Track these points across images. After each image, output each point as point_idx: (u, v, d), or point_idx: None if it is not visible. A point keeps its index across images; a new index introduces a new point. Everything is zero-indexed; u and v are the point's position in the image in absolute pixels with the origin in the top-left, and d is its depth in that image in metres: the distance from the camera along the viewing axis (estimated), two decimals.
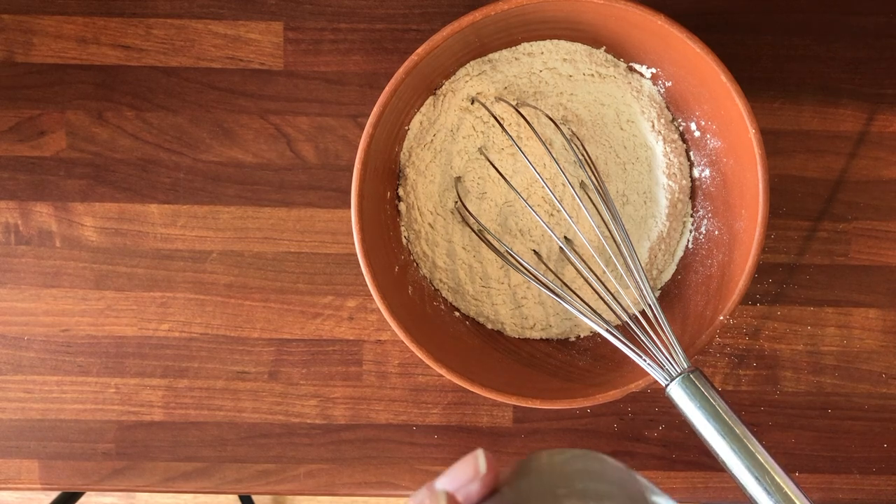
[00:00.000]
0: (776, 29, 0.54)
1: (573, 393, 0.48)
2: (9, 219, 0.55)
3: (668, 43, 0.45)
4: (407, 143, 0.51)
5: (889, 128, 0.55)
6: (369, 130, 0.45)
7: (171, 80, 0.54)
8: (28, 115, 0.54)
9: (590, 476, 0.27)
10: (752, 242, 0.45)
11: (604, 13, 0.45)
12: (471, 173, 0.51)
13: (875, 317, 0.56)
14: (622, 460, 0.57)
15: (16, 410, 0.56)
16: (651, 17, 0.43)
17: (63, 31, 0.54)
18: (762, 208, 0.45)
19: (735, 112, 0.44)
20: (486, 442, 0.57)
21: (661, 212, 0.52)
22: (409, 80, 0.45)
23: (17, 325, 0.56)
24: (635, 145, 0.51)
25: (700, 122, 0.50)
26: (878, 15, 0.54)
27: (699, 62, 0.44)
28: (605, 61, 0.50)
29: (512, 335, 0.53)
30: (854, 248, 0.55)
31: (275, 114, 0.54)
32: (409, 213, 0.51)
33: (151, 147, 0.55)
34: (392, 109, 0.46)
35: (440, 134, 0.51)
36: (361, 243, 0.46)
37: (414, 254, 0.52)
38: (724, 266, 0.48)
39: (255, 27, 0.54)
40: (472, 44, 0.48)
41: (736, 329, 0.56)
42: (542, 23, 0.48)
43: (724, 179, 0.49)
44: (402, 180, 0.51)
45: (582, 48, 0.50)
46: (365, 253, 0.46)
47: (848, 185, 0.55)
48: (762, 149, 0.44)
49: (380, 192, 0.49)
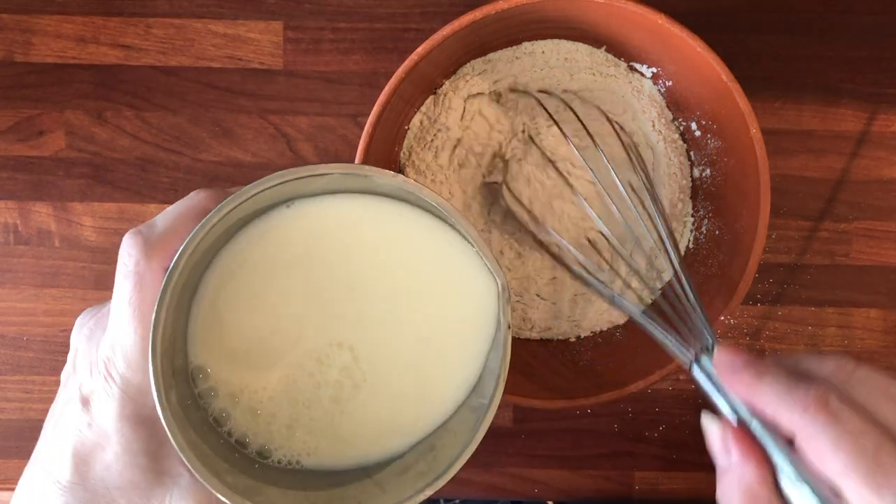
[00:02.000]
0: (776, 29, 0.54)
1: (573, 393, 0.47)
2: (8, 219, 0.55)
3: (668, 42, 0.45)
4: (407, 142, 0.51)
5: (890, 127, 0.55)
6: (369, 130, 0.45)
7: (171, 80, 0.54)
8: (27, 115, 0.54)
9: None
10: (753, 242, 0.45)
11: (604, 13, 0.45)
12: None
13: (876, 317, 0.56)
14: (622, 461, 0.57)
15: (16, 410, 0.56)
16: (652, 16, 0.43)
17: (62, 30, 0.54)
18: (763, 209, 0.45)
19: (736, 112, 0.44)
20: (485, 442, 0.57)
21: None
22: (409, 80, 0.45)
23: (17, 325, 0.56)
24: (636, 145, 0.51)
25: (701, 122, 0.50)
26: (878, 15, 0.54)
27: (700, 62, 0.44)
28: (605, 61, 0.50)
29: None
30: (855, 248, 0.55)
31: (274, 113, 0.54)
32: None
33: (151, 147, 0.55)
34: (392, 109, 0.46)
35: (441, 134, 0.50)
36: None
37: None
38: (725, 266, 0.48)
39: (254, 27, 0.54)
40: (473, 43, 0.48)
41: (737, 329, 0.56)
42: (542, 22, 0.48)
43: (725, 179, 0.49)
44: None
45: (583, 47, 0.50)
46: None
47: (849, 185, 0.55)
48: (763, 149, 0.44)
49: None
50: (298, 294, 0.36)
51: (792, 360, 0.32)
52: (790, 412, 0.29)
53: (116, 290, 0.34)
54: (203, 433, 0.34)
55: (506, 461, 0.57)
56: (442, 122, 0.50)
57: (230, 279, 0.36)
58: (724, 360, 0.33)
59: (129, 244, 0.34)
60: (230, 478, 0.33)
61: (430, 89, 0.50)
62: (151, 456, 0.34)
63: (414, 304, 0.37)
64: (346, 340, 0.36)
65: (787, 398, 0.29)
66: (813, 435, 0.28)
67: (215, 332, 0.35)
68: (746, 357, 0.32)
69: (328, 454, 0.36)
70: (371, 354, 0.36)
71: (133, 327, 0.33)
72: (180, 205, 0.36)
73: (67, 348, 0.38)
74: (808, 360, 0.32)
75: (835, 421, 0.28)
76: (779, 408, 0.30)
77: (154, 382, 0.32)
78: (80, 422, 0.34)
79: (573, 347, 0.53)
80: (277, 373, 0.36)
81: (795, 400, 0.29)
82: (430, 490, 0.34)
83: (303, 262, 0.36)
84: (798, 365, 0.32)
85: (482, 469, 0.57)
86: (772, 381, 0.30)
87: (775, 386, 0.30)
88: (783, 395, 0.30)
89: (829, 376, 0.30)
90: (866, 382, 0.30)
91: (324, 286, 0.36)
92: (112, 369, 0.34)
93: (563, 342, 0.53)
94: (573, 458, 0.57)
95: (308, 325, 0.36)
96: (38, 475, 0.34)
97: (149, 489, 0.33)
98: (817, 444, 0.28)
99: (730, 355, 0.33)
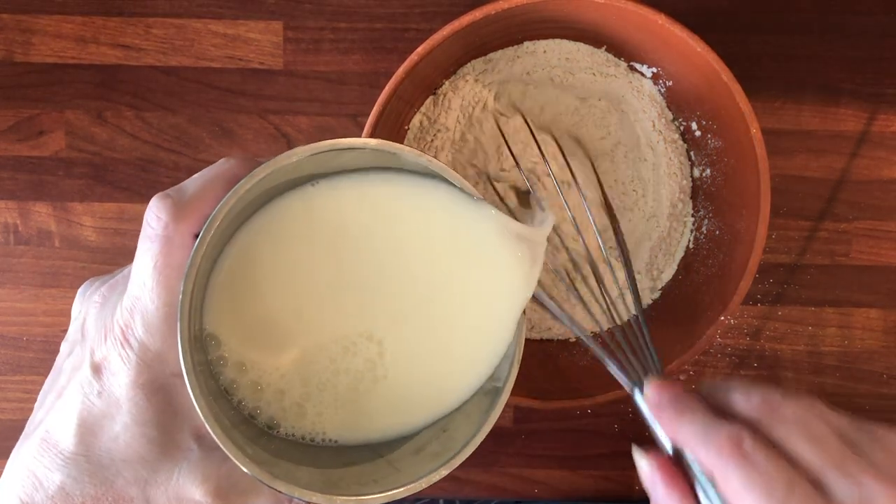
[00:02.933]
0: (776, 29, 0.54)
1: (574, 393, 0.47)
2: (8, 219, 0.55)
3: (668, 43, 0.45)
4: (406, 143, 0.51)
5: (890, 127, 0.54)
6: (368, 131, 0.45)
7: (171, 80, 0.54)
8: (27, 115, 0.54)
9: None
10: (753, 242, 0.45)
11: (604, 13, 0.45)
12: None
13: (876, 317, 0.56)
14: (622, 461, 0.57)
15: (15, 410, 0.56)
16: (652, 16, 0.43)
17: (62, 30, 0.54)
18: (764, 209, 0.45)
19: (736, 112, 0.44)
20: (485, 442, 0.57)
21: (661, 212, 0.51)
22: (409, 80, 0.45)
23: (17, 325, 0.56)
24: (636, 145, 0.51)
25: (701, 122, 0.50)
26: (878, 15, 0.54)
27: (700, 62, 0.44)
28: (605, 61, 0.50)
29: None
30: (855, 248, 0.55)
31: (274, 113, 0.54)
32: None
33: (151, 147, 0.55)
34: (392, 109, 0.46)
35: (441, 134, 0.50)
36: None
37: None
38: (725, 266, 0.48)
39: (254, 27, 0.54)
40: (473, 43, 0.48)
41: (737, 329, 0.56)
42: (543, 22, 0.48)
43: (725, 179, 0.49)
44: None
45: (584, 47, 0.50)
46: None
47: (849, 185, 0.55)
48: (763, 149, 0.44)
49: None
50: (324, 277, 0.35)
51: (722, 390, 0.33)
52: (706, 452, 0.30)
53: (140, 254, 0.33)
54: (218, 403, 0.33)
55: (506, 461, 0.57)
56: (441, 123, 0.50)
57: (253, 252, 0.35)
58: (651, 395, 0.34)
59: (157, 206, 0.33)
60: (249, 449, 0.32)
61: (430, 89, 0.50)
62: (162, 428, 0.33)
63: (447, 293, 0.36)
64: (377, 334, 0.35)
65: (703, 438, 0.30)
66: (726, 476, 0.29)
67: (231, 304, 0.34)
68: (673, 392, 0.33)
69: (340, 432, 0.36)
70: (398, 350, 0.36)
71: (157, 293, 0.32)
72: (210, 171, 0.35)
73: None
74: (736, 393, 0.32)
75: (745, 463, 0.29)
76: (696, 447, 0.31)
77: (181, 347, 0.31)
78: (89, 390, 0.32)
79: (573, 347, 0.53)
80: (293, 352, 0.35)
81: (711, 440, 0.30)
82: (445, 470, 0.33)
83: (331, 242, 0.35)
84: (726, 396, 0.32)
85: (482, 469, 0.57)
86: (691, 420, 0.31)
87: (694, 426, 0.31)
88: (700, 435, 0.31)
89: (754, 411, 0.31)
90: (789, 420, 0.30)
91: (355, 270, 0.35)
92: (130, 335, 0.32)
93: (563, 342, 0.53)
94: (573, 458, 0.57)
95: (335, 311, 0.35)
96: (33, 448, 0.33)
97: (156, 462, 0.32)
98: (731, 485, 0.29)
99: (656, 390, 0.34)
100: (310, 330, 0.35)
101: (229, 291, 0.34)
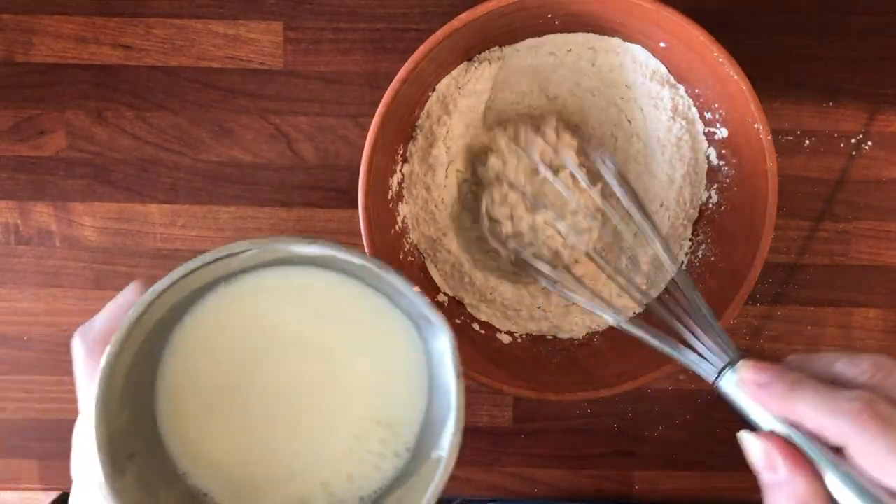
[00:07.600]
0: (776, 29, 0.54)
1: (588, 386, 0.47)
2: (8, 219, 0.55)
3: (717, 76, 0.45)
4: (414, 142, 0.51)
5: (889, 128, 0.55)
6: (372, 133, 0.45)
7: (171, 80, 0.54)
8: (28, 115, 0.54)
9: None
10: (747, 274, 0.45)
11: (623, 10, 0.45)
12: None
13: (875, 317, 0.56)
14: (622, 460, 0.57)
15: (16, 410, 0.56)
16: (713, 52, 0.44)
17: (63, 30, 0.54)
18: (764, 244, 0.45)
19: (756, 144, 0.45)
20: (485, 442, 0.57)
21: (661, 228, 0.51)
22: (408, 81, 0.44)
23: (17, 325, 0.56)
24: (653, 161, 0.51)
25: (721, 151, 0.49)
26: (878, 15, 0.54)
27: (734, 89, 0.44)
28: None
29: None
30: (854, 248, 0.55)
31: (274, 113, 0.54)
32: (411, 218, 0.51)
33: (151, 147, 0.55)
34: (394, 112, 0.45)
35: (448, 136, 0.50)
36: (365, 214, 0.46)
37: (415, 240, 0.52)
38: (714, 293, 0.48)
39: (254, 27, 0.54)
40: (476, 40, 0.48)
41: (736, 329, 0.56)
42: (573, 16, 0.47)
43: (730, 208, 0.49)
44: (407, 179, 0.51)
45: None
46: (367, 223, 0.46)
47: (848, 185, 0.55)
48: (776, 184, 0.45)
49: (382, 191, 0.49)
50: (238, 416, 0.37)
51: (820, 363, 0.31)
52: (837, 423, 0.28)
53: (78, 386, 0.35)
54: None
55: (506, 461, 0.57)
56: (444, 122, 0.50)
57: (177, 384, 0.37)
58: (751, 376, 0.32)
59: (74, 346, 0.36)
60: None
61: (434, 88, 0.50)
62: None
63: (351, 393, 0.37)
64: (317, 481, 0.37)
65: (829, 408, 0.28)
66: (864, 443, 0.27)
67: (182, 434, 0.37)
68: (776, 369, 0.31)
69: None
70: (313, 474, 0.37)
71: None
72: (117, 300, 0.36)
73: (68, 348, 0.38)
74: (840, 362, 0.31)
75: (887, 427, 0.27)
76: (823, 419, 0.29)
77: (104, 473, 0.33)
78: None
79: (584, 343, 0.53)
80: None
81: (840, 409, 0.28)
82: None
83: (232, 371, 0.37)
84: (828, 369, 0.31)
85: (482, 469, 0.57)
86: (808, 393, 0.29)
87: (813, 397, 0.29)
88: (824, 405, 0.29)
89: (867, 376, 0.29)
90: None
91: (259, 382, 0.37)
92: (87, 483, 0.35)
93: (569, 340, 0.53)
94: (573, 458, 0.57)
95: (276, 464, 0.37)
96: None
97: None
98: (873, 452, 0.27)
99: (756, 370, 0.32)
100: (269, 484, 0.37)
101: (173, 420, 0.37)
